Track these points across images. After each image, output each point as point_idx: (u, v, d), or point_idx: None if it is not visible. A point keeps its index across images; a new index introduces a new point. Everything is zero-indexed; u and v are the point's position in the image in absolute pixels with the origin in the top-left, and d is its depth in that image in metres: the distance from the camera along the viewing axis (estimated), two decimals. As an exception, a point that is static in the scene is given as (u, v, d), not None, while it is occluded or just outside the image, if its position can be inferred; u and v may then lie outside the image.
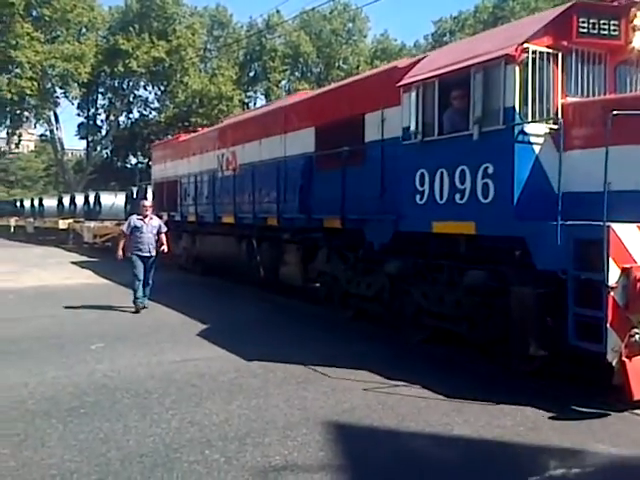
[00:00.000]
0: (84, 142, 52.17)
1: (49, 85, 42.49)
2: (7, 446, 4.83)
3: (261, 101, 49.55)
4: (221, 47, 48.01)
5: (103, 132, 50.60)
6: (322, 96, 11.38)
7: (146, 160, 52.30)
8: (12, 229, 40.42)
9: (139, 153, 51.18)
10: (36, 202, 38.72)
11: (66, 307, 11.53)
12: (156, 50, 41.53)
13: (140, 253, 11.02)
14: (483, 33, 10.82)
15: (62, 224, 30.53)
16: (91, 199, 30.02)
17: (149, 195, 19.88)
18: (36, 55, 38.81)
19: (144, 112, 50.39)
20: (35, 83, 39.76)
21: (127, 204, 25.55)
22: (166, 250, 11.62)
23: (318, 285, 11.41)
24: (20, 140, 49.19)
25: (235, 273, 15.01)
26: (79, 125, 51.02)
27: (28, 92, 39.71)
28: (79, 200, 32.13)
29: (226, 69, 43.85)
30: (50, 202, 36.88)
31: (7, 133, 47.04)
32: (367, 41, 50.69)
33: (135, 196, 23.38)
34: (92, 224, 26.72)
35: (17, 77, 39.49)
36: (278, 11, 46.30)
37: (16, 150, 61.74)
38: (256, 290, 13.70)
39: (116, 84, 47.53)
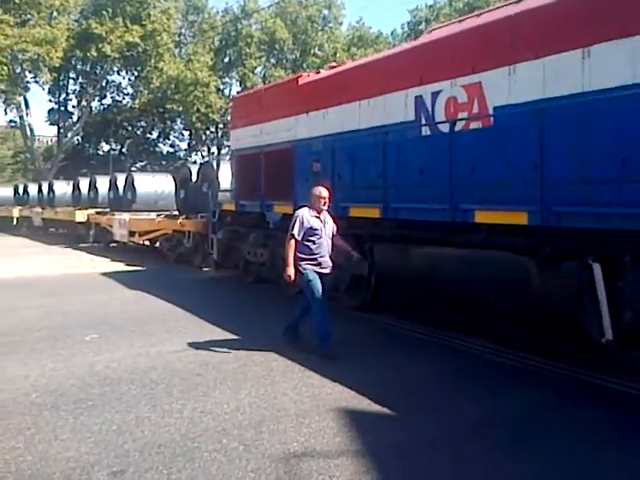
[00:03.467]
0: (53, 128, 51.41)
1: (19, 70, 41.60)
2: (20, 440, 4.75)
3: (237, 88, 49.33)
4: (196, 33, 47.48)
5: (74, 118, 49.81)
6: None
7: (119, 147, 51.83)
8: (15, 221, 33.46)
9: (112, 139, 50.48)
10: (45, 188, 31.17)
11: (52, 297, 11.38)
12: (130, 35, 40.87)
13: (319, 268, 7.30)
14: None
15: (80, 216, 23.68)
16: (120, 183, 22.60)
17: (223, 173, 14.03)
18: (6, 39, 37.87)
19: (117, 98, 49.74)
20: (5, 67, 38.89)
21: (180, 190, 18.48)
22: (356, 258, 8.30)
23: None
24: (-13, 126, 48.19)
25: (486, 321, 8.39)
26: (49, 111, 50.18)
27: (-3, 77, 38.78)
28: (102, 185, 24.73)
29: (202, 55, 43.39)
30: (63, 188, 29.51)
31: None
32: (342, 29, 50.62)
33: (196, 177, 17.16)
34: (125, 217, 19.76)
35: (-15, 61, 38.51)
36: (254, -4, 46.03)
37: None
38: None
39: (88, 69, 46.75)
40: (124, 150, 51.82)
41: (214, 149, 51.49)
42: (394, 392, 5.99)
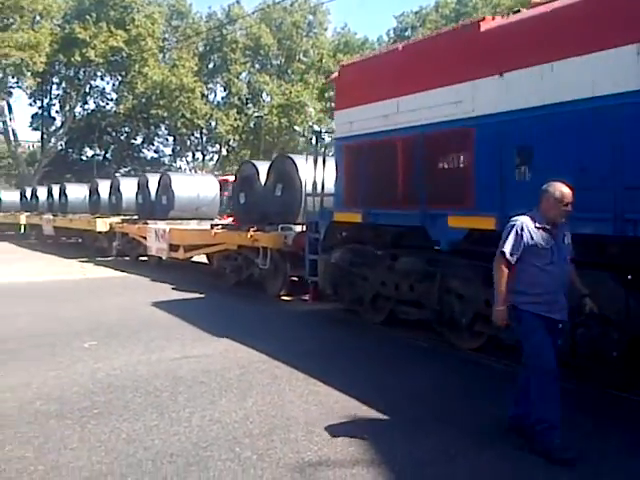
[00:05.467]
0: (36, 133, 51.05)
1: (1, 75, 41.26)
2: (29, 450, 4.67)
3: (221, 93, 49.25)
4: (180, 38, 47.31)
5: (58, 123, 49.49)
6: None
7: (102, 153, 51.43)
8: (22, 228, 29.43)
9: (96, 145, 50.19)
10: (56, 192, 26.60)
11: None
12: (114, 39, 40.62)
13: (546, 312, 4.74)
14: None
15: (101, 225, 19.86)
16: (152, 186, 18.78)
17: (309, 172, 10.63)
18: (-12, 43, 37.58)
19: (101, 103, 49.48)
20: (-13, 72, 38.56)
21: (240, 193, 14.23)
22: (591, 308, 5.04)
23: None
24: (-31, 132, 47.62)
25: None
26: (33, 116, 49.92)
27: (-21, 82, 38.39)
28: (127, 189, 20.66)
29: (186, 60, 43.23)
30: (77, 192, 25.21)
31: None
32: (327, 34, 50.73)
33: (266, 177, 13.22)
34: (164, 226, 16.14)
35: (-33, 66, 38.08)
36: (238, 2, 46.02)
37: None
38: None
39: (72, 74, 46.43)
40: (108, 155, 51.55)
41: (199, 154, 51.38)
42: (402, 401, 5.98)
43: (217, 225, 14.72)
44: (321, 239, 9.88)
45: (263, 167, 13.55)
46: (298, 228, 11.55)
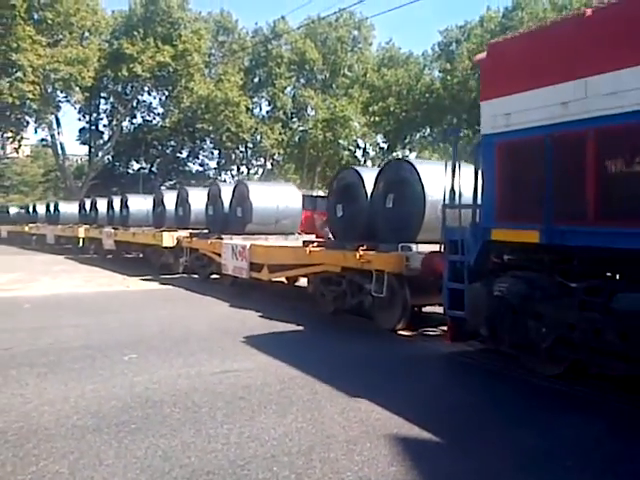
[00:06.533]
0: (82, 147, 52.26)
1: (51, 89, 42.32)
2: (64, 465, 4.57)
3: (266, 107, 49.69)
4: (226, 53, 47.97)
5: (105, 137, 50.57)
6: None
7: (148, 166, 52.27)
8: (81, 242, 28.40)
9: (142, 158, 51.08)
10: (116, 204, 24.88)
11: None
12: (161, 55, 41.52)
13: None
14: None
15: (167, 239, 18.15)
16: (225, 196, 16.82)
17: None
18: (38, 59, 38.64)
19: (148, 117, 50.44)
20: (37, 87, 39.56)
21: (337, 205, 11.99)
22: None
23: None
24: (20, 145, 48.93)
25: None
26: (81, 130, 51.07)
27: (30, 96, 39.38)
28: (196, 200, 18.78)
29: (232, 75, 43.78)
30: (139, 204, 23.50)
31: (1, 136, 46.67)
32: (372, 49, 50.85)
33: (374, 186, 10.97)
34: (244, 242, 14.31)
35: (18, 81, 39.09)
36: (283, 17, 46.44)
37: (12, 155, 61.35)
38: None
39: (119, 89, 47.45)
40: (154, 169, 52.36)
41: (243, 168, 51.81)
42: (446, 419, 5.76)
43: (312, 242, 12.28)
44: (471, 263, 7.56)
45: (369, 174, 11.33)
46: (420, 247, 9.64)
